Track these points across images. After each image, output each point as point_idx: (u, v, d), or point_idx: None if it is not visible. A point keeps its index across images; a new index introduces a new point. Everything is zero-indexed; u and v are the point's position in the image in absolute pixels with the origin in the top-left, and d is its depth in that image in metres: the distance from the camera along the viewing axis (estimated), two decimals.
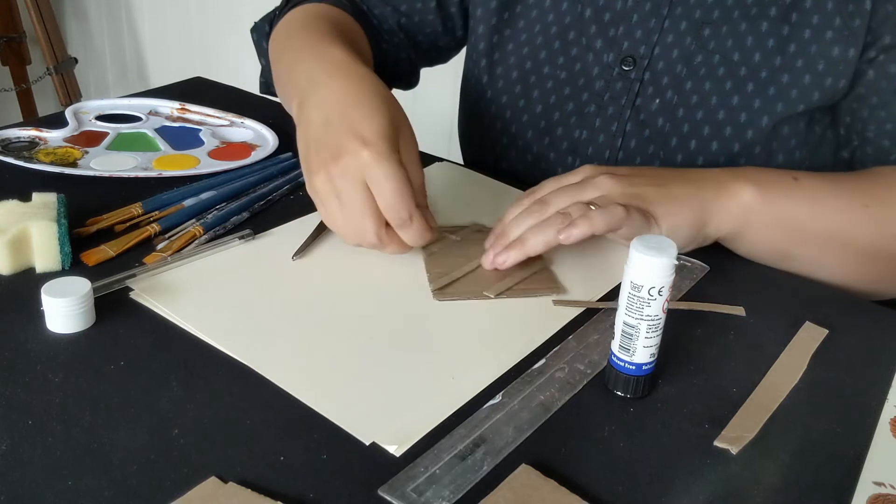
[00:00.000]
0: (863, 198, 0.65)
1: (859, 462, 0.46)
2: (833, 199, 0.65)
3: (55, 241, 0.59)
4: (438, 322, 0.57)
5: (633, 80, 0.74)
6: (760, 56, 0.69)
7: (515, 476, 0.43)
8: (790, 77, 0.69)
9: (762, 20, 0.69)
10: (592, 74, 0.77)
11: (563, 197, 0.62)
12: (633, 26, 0.74)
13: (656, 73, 0.73)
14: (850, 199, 0.65)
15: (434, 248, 0.66)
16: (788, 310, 0.61)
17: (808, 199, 0.65)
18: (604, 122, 0.77)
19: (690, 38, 0.72)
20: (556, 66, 0.79)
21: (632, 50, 0.74)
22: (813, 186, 0.65)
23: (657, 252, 0.46)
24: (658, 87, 0.73)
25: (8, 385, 0.48)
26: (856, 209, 0.64)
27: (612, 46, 0.75)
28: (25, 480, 0.41)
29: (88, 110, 0.90)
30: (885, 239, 0.64)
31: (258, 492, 0.41)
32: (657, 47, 0.73)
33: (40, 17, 1.97)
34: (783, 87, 0.69)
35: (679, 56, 0.72)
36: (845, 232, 0.64)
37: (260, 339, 0.54)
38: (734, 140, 0.71)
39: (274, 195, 0.73)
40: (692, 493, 0.43)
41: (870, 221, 0.64)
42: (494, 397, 0.49)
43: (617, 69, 0.75)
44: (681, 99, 0.72)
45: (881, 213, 0.64)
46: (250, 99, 1.00)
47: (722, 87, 0.71)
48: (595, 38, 0.76)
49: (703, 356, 0.55)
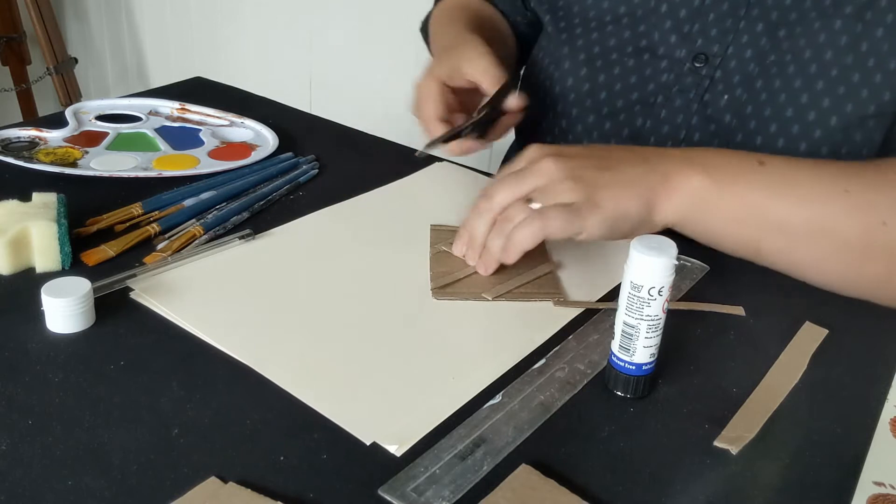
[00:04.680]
0: (846, 183, 0.59)
1: (859, 462, 0.46)
2: (807, 185, 0.60)
3: (55, 241, 0.59)
4: (439, 322, 0.57)
5: (704, 76, 0.74)
6: (832, 54, 0.68)
7: (515, 476, 0.43)
8: (861, 76, 0.67)
9: (836, 18, 0.68)
10: (661, 67, 0.76)
11: (503, 191, 0.60)
12: (708, 24, 0.74)
13: (728, 70, 0.73)
14: (830, 184, 0.59)
15: (441, 247, 0.66)
16: (788, 310, 0.61)
17: (773, 185, 0.60)
18: (669, 113, 0.76)
19: (766, 39, 0.71)
20: (624, 53, 0.78)
21: (705, 48, 0.74)
22: (782, 171, 0.61)
23: (657, 252, 0.46)
24: (728, 85, 0.73)
25: (8, 385, 0.48)
26: (836, 196, 0.59)
27: (685, 42, 0.75)
28: (25, 480, 0.41)
29: (88, 110, 0.90)
30: (872, 228, 0.58)
31: (258, 492, 0.41)
32: (731, 47, 0.73)
33: (40, 17, 1.96)
34: (853, 86, 0.67)
35: (752, 56, 0.72)
36: (823, 221, 0.59)
37: (260, 339, 0.54)
38: (801, 139, 0.70)
39: (274, 195, 0.73)
40: (692, 493, 0.43)
41: (853, 209, 0.58)
42: (494, 397, 0.49)
43: (688, 65, 0.75)
44: (750, 97, 0.72)
45: (865, 199, 0.58)
46: (250, 99, 1.00)
47: (791, 84, 0.70)
48: (669, 34, 0.76)
49: (703, 356, 0.55)
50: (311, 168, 0.79)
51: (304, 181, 0.77)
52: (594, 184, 0.59)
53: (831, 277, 0.62)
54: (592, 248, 0.68)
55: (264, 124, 0.88)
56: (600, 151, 0.63)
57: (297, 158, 0.82)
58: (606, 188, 0.59)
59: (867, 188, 0.59)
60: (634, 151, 0.63)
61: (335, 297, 0.59)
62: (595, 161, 0.61)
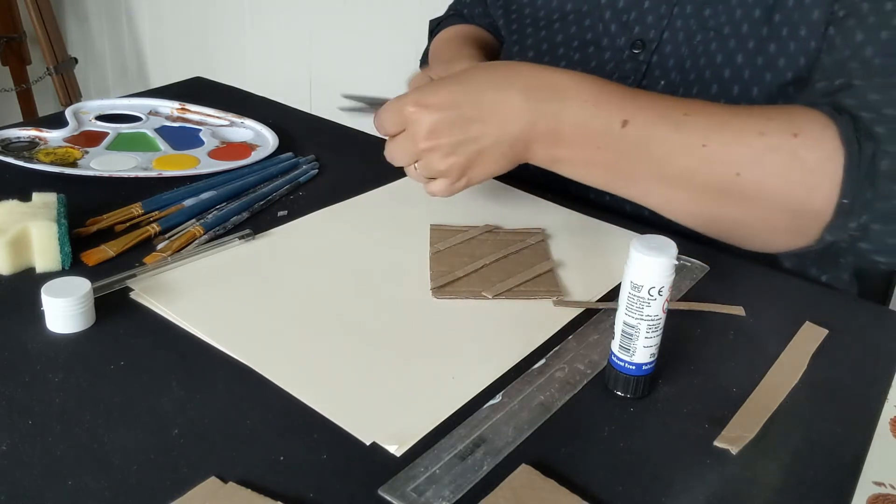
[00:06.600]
0: (705, 137, 0.59)
1: (859, 462, 0.46)
2: (667, 144, 0.60)
3: (55, 241, 0.59)
4: (439, 322, 0.57)
5: (642, 62, 0.76)
6: (748, 27, 0.70)
7: (515, 476, 0.43)
8: (776, 46, 0.69)
9: None
10: (605, 57, 0.79)
11: (398, 160, 0.65)
12: (644, 11, 0.76)
13: (663, 55, 0.75)
14: (691, 140, 0.60)
15: (440, 246, 0.66)
16: (788, 310, 0.61)
17: (628, 149, 0.61)
18: None
19: (693, 21, 0.73)
20: (570, 48, 0.81)
21: (642, 34, 0.76)
22: (638, 138, 0.61)
23: (657, 252, 0.46)
24: (664, 69, 0.75)
25: (8, 385, 0.48)
26: (694, 150, 0.59)
27: (624, 30, 0.77)
28: (25, 480, 0.41)
29: (88, 110, 0.90)
30: (726, 179, 0.59)
31: (258, 492, 0.41)
32: (666, 32, 0.75)
33: (40, 18, 1.97)
34: (771, 56, 0.70)
35: (684, 39, 0.74)
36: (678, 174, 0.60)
37: (260, 339, 0.54)
38: None
39: (274, 195, 0.73)
40: (692, 493, 0.43)
41: (709, 162, 0.59)
42: (494, 397, 0.49)
43: (627, 52, 0.77)
44: (682, 78, 0.74)
45: (726, 151, 0.59)
46: (250, 99, 1.00)
47: (714, 61, 0.72)
48: (610, 23, 0.79)
49: (703, 356, 0.55)
50: (311, 168, 0.79)
51: (304, 181, 0.77)
52: (463, 162, 0.62)
53: (686, 219, 0.64)
54: (592, 249, 0.68)
55: (264, 124, 0.88)
56: (456, 102, 0.62)
57: (297, 158, 0.82)
58: (475, 166, 0.63)
59: (727, 139, 0.59)
60: (504, 100, 0.62)
61: (335, 296, 0.59)
62: (451, 119, 0.61)
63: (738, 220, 0.62)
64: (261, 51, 1.99)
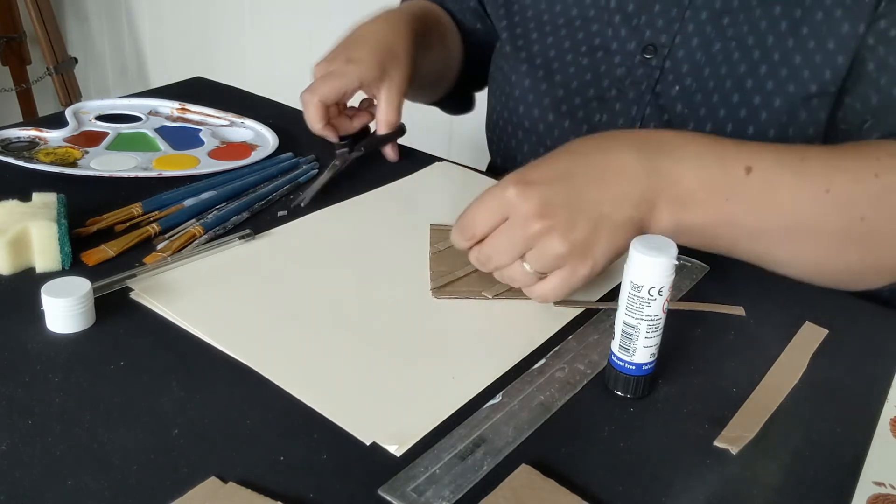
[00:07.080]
0: (827, 181, 0.57)
1: (859, 462, 0.46)
2: (788, 190, 0.57)
3: (55, 241, 0.59)
4: (439, 322, 0.57)
5: (654, 67, 0.76)
6: (773, 39, 0.70)
7: (515, 476, 0.43)
8: (802, 58, 0.69)
9: (776, 5, 0.70)
10: (615, 62, 0.79)
11: (496, 257, 0.56)
12: (654, 16, 0.76)
13: (676, 60, 0.75)
14: (811, 185, 0.57)
15: (440, 246, 0.66)
16: (788, 310, 0.61)
17: (752, 198, 0.57)
18: (624, 105, 0.78)
19: (710, 28, 0.73)
20: (578, 53, 0.81)
21: (653, 38, 0.76)
22: (765, 178, 0.57)
23: (657, 252, 0.46)
24: (678, 74, 0.75)
25: (8, 385, 0.48)
26: (817, 197, 0.57)
27: (635, 35, 0.77)
28: (25, 480, 0.41)
29: (88, 110, 0.90)
30: (850, 224, 0.58)
31: (258, 492, 0.41)
32: (678, 36, 0.75)
33: (40, 18, 1.96)
34: (795, 68, 0.70)
35: (699, 44, 0.74)
36: (800, 224, 0.58)
37: (260, 339, 0.54)
38: (749, 123, 0.72)
39: (274, 195, 0.73)
40: (692, 493, 0.43)
41: (833, 208, 0.57)
42: (494, 397, 0.49)
43: (639, 56, 0.77)
44: (699, 85, 0.74)
45: (846, 196, 0.57)
46: (250, 99, 1.00)
47: (737, 70, 0.72)
48: (619, 28, 0.78)
49: (703, 356, 0.55)
50: (311, 168, 0.79)
51: (304, 181, 0.77)
52: (585, 238, 0.54)
53: (807, 271, 0.62)
54: None
55: (264, 124, 0.88)
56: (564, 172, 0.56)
57: (297, 158, 0.82)
58: (598, 241, 0.55)
59: (847, 183, 0.58)
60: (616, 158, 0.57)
61: (335, 296, 0.59)
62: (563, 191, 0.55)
63: (862, 264, 0.61)
64: (261, 51, 1.99)
